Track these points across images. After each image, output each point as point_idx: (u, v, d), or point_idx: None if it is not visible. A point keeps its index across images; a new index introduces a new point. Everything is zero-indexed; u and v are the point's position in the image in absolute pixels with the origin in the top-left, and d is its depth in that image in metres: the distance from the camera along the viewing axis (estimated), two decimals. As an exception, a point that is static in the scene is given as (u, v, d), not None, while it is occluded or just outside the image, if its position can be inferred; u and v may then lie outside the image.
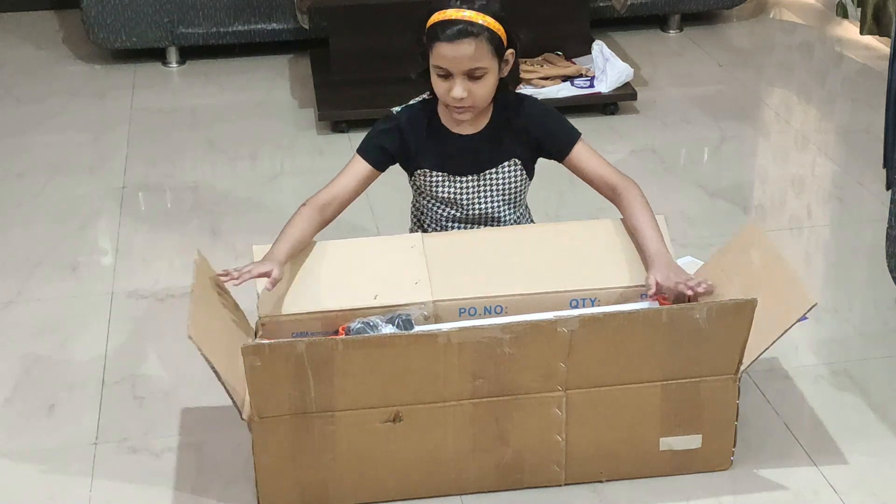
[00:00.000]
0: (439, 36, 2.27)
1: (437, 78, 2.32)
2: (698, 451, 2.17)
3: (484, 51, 2.26)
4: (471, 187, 2.42)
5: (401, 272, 2.27)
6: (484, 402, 2.05)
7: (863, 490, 2.17)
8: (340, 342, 1.96)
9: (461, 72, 2.27)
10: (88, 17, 4.22)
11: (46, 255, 3.07)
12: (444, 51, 2.27)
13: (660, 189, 3.37)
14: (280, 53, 4.44)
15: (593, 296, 2.26)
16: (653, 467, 2.18)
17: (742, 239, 2.34)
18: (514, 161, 2.41)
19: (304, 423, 2.02)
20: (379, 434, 2.05)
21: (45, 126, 3.90)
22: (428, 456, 2.09)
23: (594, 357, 2.05)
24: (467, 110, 2.33)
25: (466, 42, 2.25)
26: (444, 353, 1.99)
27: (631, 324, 2.03)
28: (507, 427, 2.08)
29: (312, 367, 1.96)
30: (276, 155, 3.66)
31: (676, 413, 2.13)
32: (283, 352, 1.95)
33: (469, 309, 2.21)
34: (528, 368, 2.04)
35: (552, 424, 2.10)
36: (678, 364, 2.09)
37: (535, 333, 2.00)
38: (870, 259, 2.96)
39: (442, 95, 2.33)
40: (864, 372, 2.51)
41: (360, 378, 1.99)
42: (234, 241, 3.12)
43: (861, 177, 3.40)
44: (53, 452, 2.32)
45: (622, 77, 3.84)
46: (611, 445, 2.15)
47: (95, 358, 2.62)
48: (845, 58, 4.40)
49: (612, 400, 2.10)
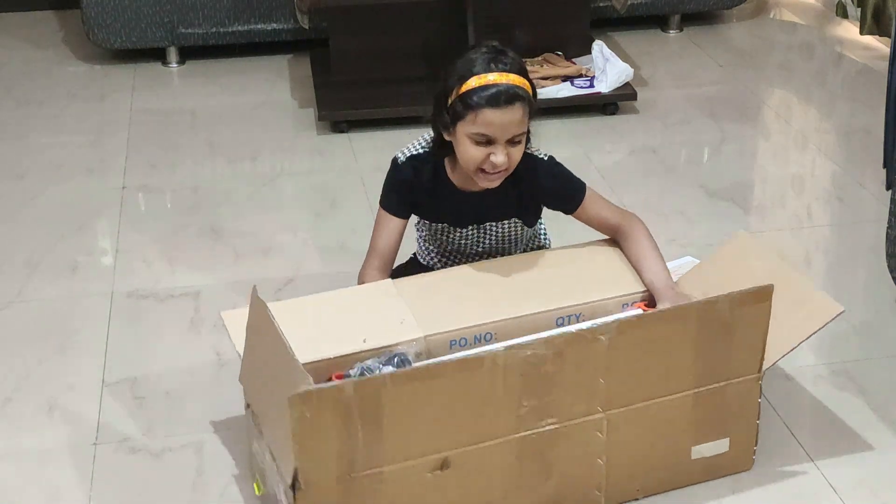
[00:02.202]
0: (484, 102, 2.15)
1: (473, 145, 2.19)
2: (725, 455, 2.17)
3: (524, 116, 2.19)
4: (470, 235, 2.41)
5: (383, 315, 2.18)
6: (530, 437, 1.98)
7: (863, 490, 2.17)
8: (388, 378, 1.84)
9: (506, 139, 2.18)
10: (88, 18, 4.22)
11: (46, 255, 3.07)
12: (491, 118, 2.15)
13: (660, 189, 3.37)
14: (280, 53, 4.44)
15: (577, 311, 2.23)
16: (685, 477, 2.16)
17: (734, 248, 2.34)
18: (515, 221, 2.40)
19: (352, 487, 1.88)
20: (427, 485, 1.94)
21: (44, 126, 3.90)
22: (474, 501, 2.00)
23: (630, 369, 2.01)
24: (502, 174, 2.24)
25: (516, 107, 2.16)
26: (490, 376, 1.90)
27: (664, 323, 2.00)
28: (551, 459, 2.02)
29: (360, 411, 1.83)
30: (276, 155, 3.66)
31: (707, 419, 2.12)
32: (331, 397, 1.80)
33: (459, 340, 2.15)
34: (571, 387, 1.98)
35: (594, 449, 2.05)
36: (707, 368, 2.07)
37: (576, 344, 1.95)
38: (870, 259, 2.96)
39: (476, 162, 2.21)
40: (864, 372, 2.51)
41: (409, 417, 1.87)
42: (234, 242, 3.12)
43: (861, 177, 3.40)
44: (53, 452, 2.32)
45: (622, 77, 3.84)
46: (647, 461, 2.11)
47: (95, 358, 2.62)
48: (845, 58, 4.41)
49: (648, 415, 2.06)
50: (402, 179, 2.34)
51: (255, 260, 3.03)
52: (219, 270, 2.98)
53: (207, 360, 2.61)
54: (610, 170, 3.49)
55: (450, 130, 2.23)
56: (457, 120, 2.20)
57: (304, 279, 2.92)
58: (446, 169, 2.34)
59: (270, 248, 3.09)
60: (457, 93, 2.19)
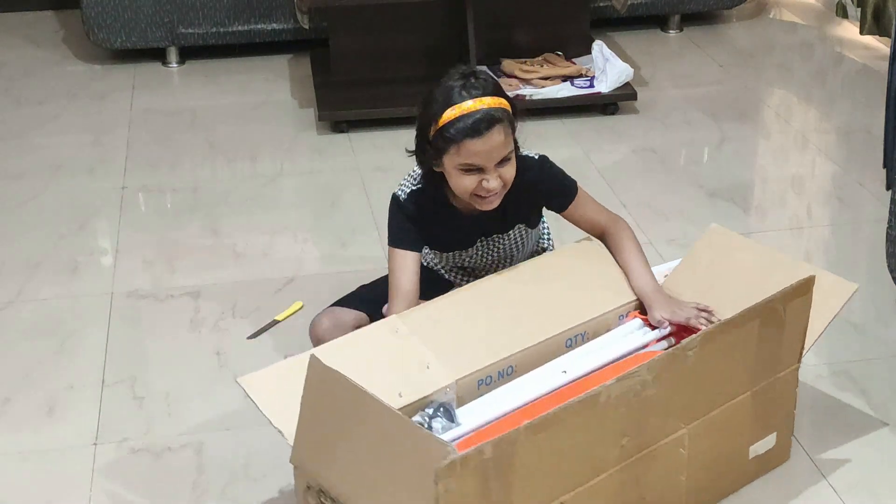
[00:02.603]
0: (464, 135, 2.14)
1: (462, 174, 2.19)
2: (772, 450, 2.16)
3: (507, 135, 2.17)
4: (478, 252, 2.42)
5: (405, 361, 2.09)
6: (628, 465, 1.91)
7: (863, 490, 2.17)
8: (522, 431, 1.72)
9: (494, 163, 2.17)
10: (88, 17, 4.22)
11: (46, 255, 3.07)
12: (474, 147, 2.14)
13: (660, 189, 3.37)
14: (280, 53, 4.44)
15: (583, 330, 2.23)
16: (743, 478, 2.15)
17: (712, 242, 2.33)
18: (519, 227, 2.41)
19: None
20: None
21: (44, 126, 3.90)
22: None
23: (706, 380, 1.98)
24: (499, 194, 2.23)
25: (496, 131, 2.14)
26: (603, 411, 1.83)
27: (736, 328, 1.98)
28: (644, 484, 1.96)
29: (495, 470, 1.71)
30: (276, 155, 3.66)
31: (761, 416, 2.11)
32: (473, 462, 1.67)
33: (485, 378, 2.11)
34: (663, 409, 1.93)
35: (679, 466, 2.00)
36: (762, 365, 2.07)
37: (671, 364, 1.91)
38: (870, 259, 2.96)
39: (470, 190, 2.20)
40: (864, 372, 2.51)
41: (536, 468, 1.77)
42: (234, 242, 3.12)
43: (861, 177, 3.40)
44: (53, 452, 2.32)
45: (622, 77, 3.84)
46: (715, 469, 2.09)
47: (95, 358, 2.62)
48: (845, 58, 4.40)
49: (718, 423, 2.03)
50: (408, 216, 2.32)
51: (255, 260, 3.03)
52: (219, 270, 2.98)
53: (207, 360, 2.61)
54: (610, 170, 3.49)
55: (436, 164, 2.23)
56: (441, 154, 2.19)
57: (304, 279, 2.92)
58: (448, 197, 2.32)
59: (270, 248, 3.09)
60: (435, 127, 2.18)
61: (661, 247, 2.99)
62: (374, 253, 3.02)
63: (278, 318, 2.74)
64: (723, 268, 2.32)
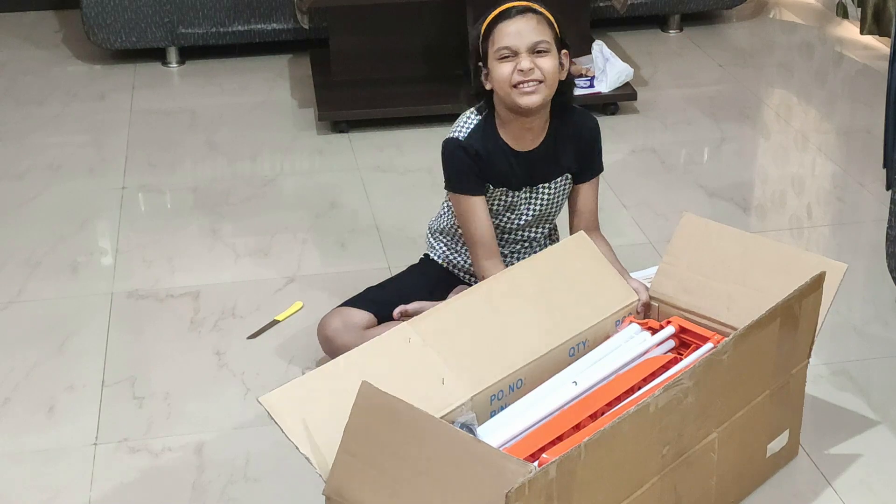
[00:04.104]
0: (497, 20, 2.30)
1: (500, 63, 2.31)
2: (785, 447, 2.16)
3: (545, 28, 2.31)
4: (522, 200, 2.46)
5: (421, 375, 2.05)
6: (667, 473, 1.89)
7: (863, 490, 2.17)
8: (583, 448, 1.70)
9: (526, 46, 2.29)
10: (88, 18, 4.22)
11: (46, 255, 3.07)
12: (507, 28, 2.29)
13: (660, 189, 3.37)
14: (280, 53, 4.44)
15: (584, 339, 2.23)
16: (760, 477, 2.15)
17: (689, 233, 2.32)
18: (566, 175, 2.47)
19: None
20: None
21: (44, 126, 3.90)
22: None
23: (734, 383, 1.98)
24: (537, 86, 2.31)
25: (529, 16, 2.30)
26: (651, 424, 1.82)
27: (762, 329, 1.98)
28: (681, 492, 1.95)
29: (558, 490, 1.68)
30: (276, 155, 3.66)
31: (777, 414, 2.11)
32: (540, 483, 1.64)
33: (497, 393, 2.10)
34: (699, 415, 1.92)
35: (710, 471, 2.00)
36: (779, 364, 2.07)
37: (710, 369, 1.90)
38: (870, 259, 2.96)
39: (507, 78, 2.31)
40: (864, 372, 2.51)
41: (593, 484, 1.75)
42: (234, 242, 3.12)
43: (861, 177, 3.40)
44: (53, 452, 2.32)
45: (622, 77, 3.84)
46: (737, 470, 2.08)
47: (95, 358, 2.62)
48: (845, 58, 4.40)
49: (742, 424, 2.03)
50: (467, 157, 2.39)
51: (255, 260, 3.03)
52: (219, 270, 2.98)
53: (207, 360, 2.61)
54: (610, 170, 3.48)
55: (486, 74, 2.34)
56: (485, 57, 2.32)
57: (304, 279, 2.92)
58: (499, 132, 2.40)
59: (270, 248, 3.09)
60: (479, 34, 2.33)
61: (661, 247, 2.99)
62: (374, 253, 3.02)
63: (278, 318, 2.74)
64: (707, 260, 2.29)
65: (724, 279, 2.25)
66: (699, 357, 2.12)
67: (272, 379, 2.51)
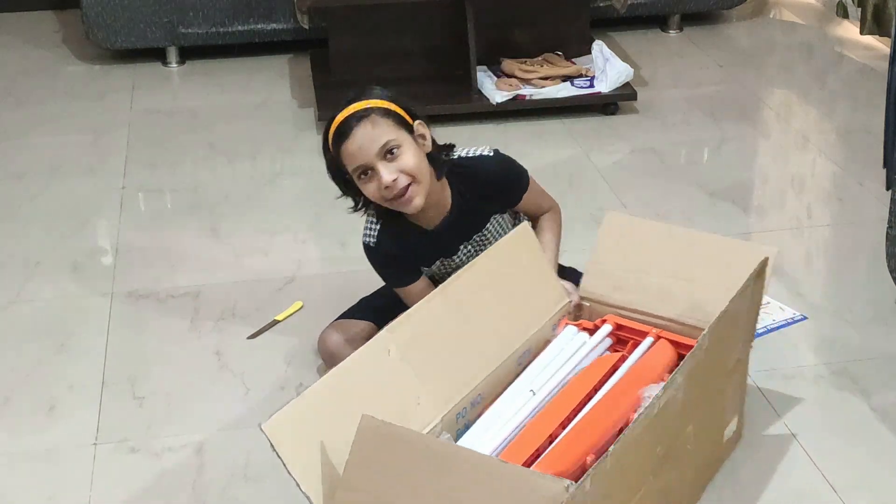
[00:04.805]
0: (336, 143, 2.19)
1: (364, 183, 2.19)
2: (735, 433, 2.17)
3: (383, 126, 2.16)
4: (462, 256, 2.42)
5: (400, 393, 1.97)
6: (660, 472, 1.88)
7: (863, 490, 2.16)
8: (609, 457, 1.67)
9: (375, 156, 2.15)
10: (88, 18, 4.22)
11: (46, 255, 3.07)
12: (349, 149, 2.17)
13: (660, 189, 3.37)
14: (280, 53, 4.44)
15: (528, 347, 2.18)
16: (717, 464, 2.15)
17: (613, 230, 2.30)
18: (494, 217, 2.41)
19: None
20: None
21: (44, 126, 3.90)
22: None
23: (708, 373, 1.96)
24: (410, 189, 2.18)
25: (364, 125, 2.15)
26: (653, 425, 1.80)
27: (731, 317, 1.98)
28: (668, 488, 1.95)
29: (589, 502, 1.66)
30: (276, 155, 3.66)
31: (731, 398, 2.11)
32: (578, 500, 1.59)
33: (462, 411, 2.03)
34: (682, 409, 1.90)
35: (687, 463, 1.99)
36: (738, 351, 2.07)
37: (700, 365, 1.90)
38: (870, 259, 2.96)
39: (379, 195, 2.19)
40: (864, 372, 2.51)
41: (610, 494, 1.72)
42: (234, 242, 3.12)
43: (861, 177, 3.40)
44: (53, 452, 2.32)
45: (622, 77, 3.84)
46: (704, 459, 2.08)
47: (95, 358, 2.62)
48: (845, 58, 4.40)
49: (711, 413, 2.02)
50: (388, 255, 2.33)
51: (255, 260, 3.03)
52: (219, 270, 2.98)
53: (207, 360, 2.61)
54: (610, 170, 3.49)
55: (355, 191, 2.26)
56: (345, 174, 2.23)
57: (304, 279, 2.92)
58: (407, 219, 2.31)
59: (270, 248, 3.09)
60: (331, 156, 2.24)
61: (661, 247, 2.99)
62: (374, 253, 3.02)
63: (278, 318, 2.74)
64: (636, 256, 2.27)
65: (655, 273, 2.23)
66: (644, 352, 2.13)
67: (272, 379, 2.51)
